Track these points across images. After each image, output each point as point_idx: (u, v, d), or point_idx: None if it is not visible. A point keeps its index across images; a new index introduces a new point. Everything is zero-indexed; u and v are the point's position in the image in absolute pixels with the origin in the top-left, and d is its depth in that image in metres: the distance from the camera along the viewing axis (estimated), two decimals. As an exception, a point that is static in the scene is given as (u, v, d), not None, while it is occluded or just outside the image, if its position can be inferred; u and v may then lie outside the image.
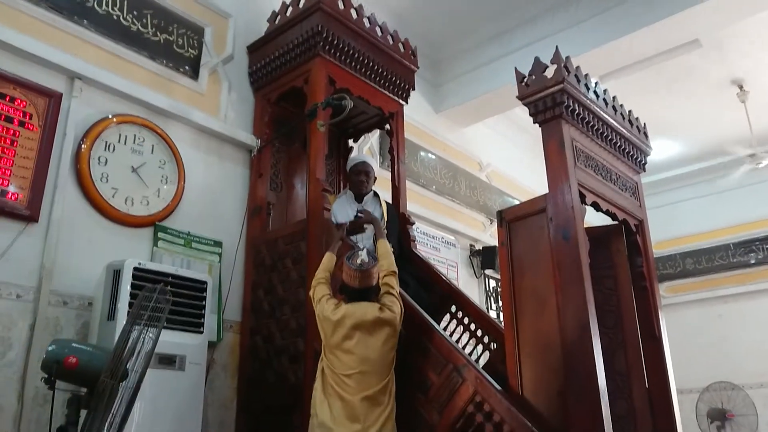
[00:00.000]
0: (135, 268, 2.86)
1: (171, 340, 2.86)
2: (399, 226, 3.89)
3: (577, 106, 2.80)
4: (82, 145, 3.18)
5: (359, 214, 3.48)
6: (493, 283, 6.07)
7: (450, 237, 5.79)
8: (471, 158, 6.34)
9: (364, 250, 2.83)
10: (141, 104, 3.49)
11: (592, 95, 2.92)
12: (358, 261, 2.73)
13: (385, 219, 3.78)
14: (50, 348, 2.17)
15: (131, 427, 2.63)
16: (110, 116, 3.33)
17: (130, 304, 2.68)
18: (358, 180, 3.82)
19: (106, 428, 2.12)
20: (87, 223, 3.16)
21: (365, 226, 3.46)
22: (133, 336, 2.16)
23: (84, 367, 2.13)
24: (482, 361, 3.45)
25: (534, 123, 2.86)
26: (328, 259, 2.96)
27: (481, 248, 6.02)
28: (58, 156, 3.09)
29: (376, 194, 3.91)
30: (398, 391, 2.68)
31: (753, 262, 7.64)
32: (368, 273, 2.74)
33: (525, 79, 2.87)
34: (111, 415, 2.12)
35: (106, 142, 3.29)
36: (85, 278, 3.02)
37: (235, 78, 4.07)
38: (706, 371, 6.74)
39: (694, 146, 7.59)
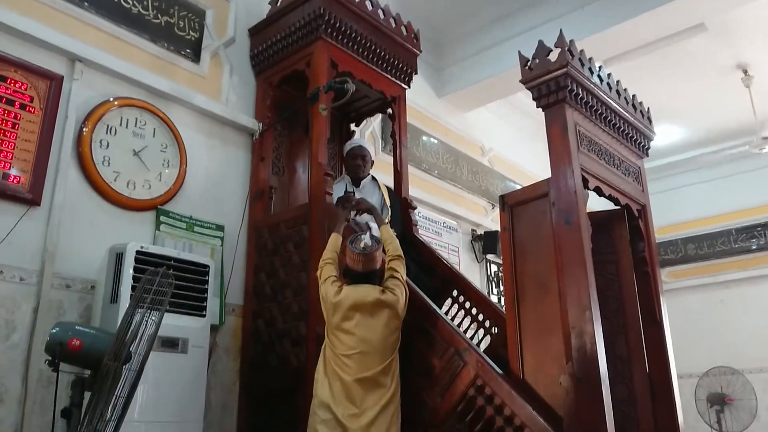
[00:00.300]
0: (137, 252, 2.87)
1: (174, 324, 2.88)
2: (401, 210, 3.89)
3: (580, 90, 2.78)
4: (84, 129, 3.17)
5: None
6: (494, 268, 6.08)
7: (452, 222, 5.78)
8: (473, 143, 6.32)
9: (368, 233, 2.83)
10: (142, 87, 3.48)
11: (595, 79, 2.90)
12: (361, 245, 2.74)
13: (388, 203, 3.78)
14: (54, 331, 2.18)
15: (135, 409, 2.66)
16: (111, 99, 3.31)
17: (133, 288, 2.70)
18: (355, 164, 3.82)
19: (110, 410, 2.14)
20: (89, 206, 3.16)
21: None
22: (136, 319, 2.17)
23: (87, 350, 2.14)
24: (483, 345, 3.46)
25: (537, 107, 2.85)
26: (335, 240, 2.96)
27: (482, 233, 6.02)
28: (60, 139, 3.08)
29: (373, 178, 3.91)
30: (400, 374, 2.69)
31: (755, 247, 7.64)
32: (371, 256, 2.74)
33: (528, 63, 2.85)
34: (115, 397, 2.13)
35: (108, 126, 3.29)
36: (88, 262, 3.03)
37: (237, 61, 4.05)
38: (706, 356, 6.76)
39: (697, 131, 7.55)
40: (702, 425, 6.37)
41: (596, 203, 3.26)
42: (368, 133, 5.01)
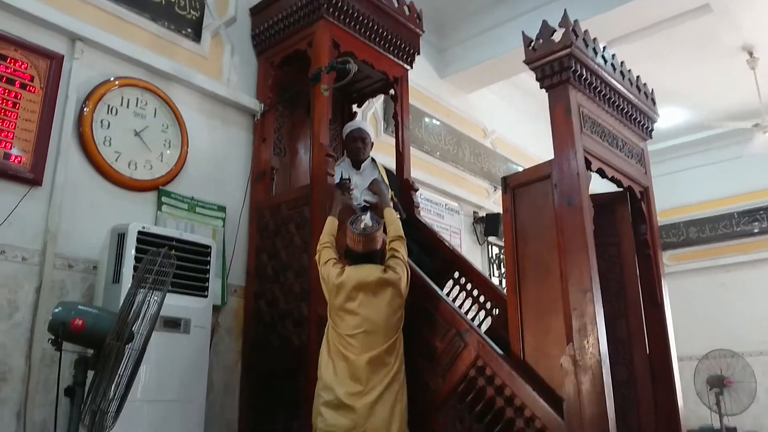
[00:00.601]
0: (139, 232, 2.87)
1: (176, 304, 2.88)
2: (401, 191, 3.88)
3: (584, 71, 2.76)
4: (85, 108, 3.15)
5: (365, 202, 3.48)
6: (496, 250, 6.08)
7: (453, 204, 5.78)
8: (475, 124, 6.29)
9: (368, 214, 2.83)
10: (143, 67, 3.46)
11: (600, 60, 2.88)
12: (362, 225, 2.74)
13: (386, 184, 3.76)
14: (56, 310, 2.18)
15: (138, 389, 2.67)
16: (112, 79, 3.29)
17: (135, 268, 2.70)
18: (355, 147, 3.80)
19: (113, 389, 2.15)
20: (91, 186, 3.16)
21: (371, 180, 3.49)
22: (138, 299, 2.18)
23: (90, 329, 2.14)
24: (484, 327, 3.47)
25: (540, 88, 2.83)
26: (331, 223, 2.97)
27: (484, 215, 6.02)
28: (61, 119, 3.07)
29: (373, 160, 3.90)
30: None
31: (756, 231, 7.62)
32: (371, 237, 2.74)
33: (532, 43, 2.82)
34: (117, 376, 2.15)
35: (109, 105, 3.27)
36: (90, 242, 3.04)
37: (238, 41, 4.01)
38: (706, 339, 6.78)
39: (701, 114, 7.50)
40: (701, 407, 6.41)
41: (598, 185, 3.25)
42: (370, 114, 4.98)
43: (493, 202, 6.08)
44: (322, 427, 2.57)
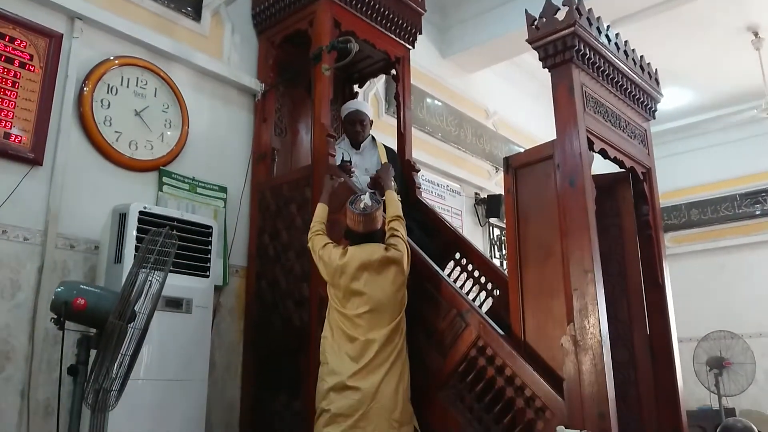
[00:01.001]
0: (140, 212, 2.87)
1: (178, 284, 2.89)
2: (402, 172, 3.86)
3: (588, 50, 2.73)
4: (85, 88, 3.13)
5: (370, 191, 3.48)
6: (497, 232, 6.08)
7: (455, 185, 5.76)
8: (477, 105, 6.25)
9: (367, 194, 2.82)
10: (143, 46, 3.43)
11: (603, 39, 2.84)
12: (361, 205, 2.73)
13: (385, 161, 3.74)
14: (58, 290, 2.19)
15: (140, 368, 2.70)
16: (112, 58, 3.27)
17: (137, 248, 2.70)
18: (354, 130, 3.79)
19: (116, 368, 2.17)
20: (91, 166, 3.15)
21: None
22: (140, 278, 2.18)
23: (92, 309, 2.15)
24: (485, 308, 3.48)
25: (543, 68, 2.80)
26: (321, 210, 2.97)
27: (486, 197, 6.01)
28: (61, 98, 3.06)
29: (373, 139, 3.87)
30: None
31: (758, 213, 7.61)
32: (372, 217, 2.74)
33: (535, 22, 2.79)
34: (120, 355, 2.16)
35: (109, 85, 3.25)
36: (91, 222, 3.04)
37: (238, 20, 3.98)
38: (706, 320, 6.79)
39: (704, 95, 7.45)
40: (700, 388, 6.45)
41: (599, 167, 3.23)
42: (372, 94, 4.95)
43: (495, 184, 6.07)
44: (329, 410, 2.57)
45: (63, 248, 2.96)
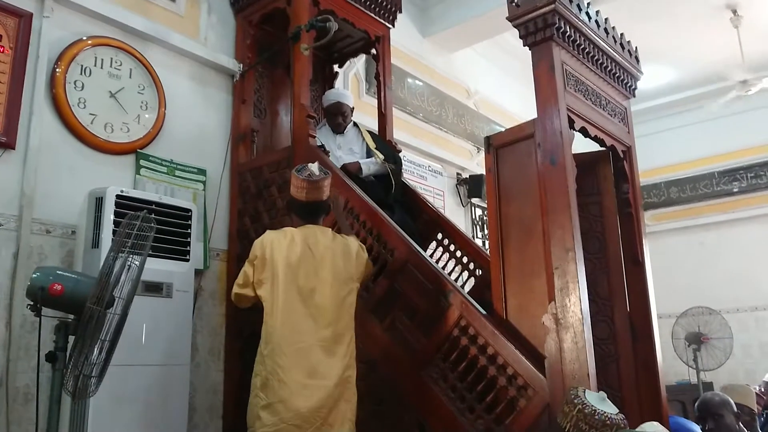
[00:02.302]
0: (117, 196, 2.83)
1: (157, 268, 2.86)
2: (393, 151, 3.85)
3: (568, 28, 2.72)
4: (57, 69, 3.06)
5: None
6: (479, 212, 6.09)
7: (437, 165, 5.75)
8: (459, 85, 6.23)
9: (316, 163, 2.69)
10: (116, 26, 3.35)
11: (584, 17, 2.83)
12: (307, 172, 2.61)
13: (373, 147, 3.73)
14: (34, 275, 2.15)
15: (122, 353, 2.65)
16: (84, 38, 3.19)
17: (114, 232, 2.66)
18: (335, 122, 3.78)
19: (95, 353, 2.14)
20: (66, 150, 3.08)
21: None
22: (119, 263, 2.15)
23: (70, 294, 2.12)
24: (468, 288, 3.49)
25: (524, 46, 2.79)
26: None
27: (467, 177, 6.01)
28: (32, 80, 2.98)
29: (355, 124, 3.85)
30: (385, 315, 2.71)
31: (736, 190, 7.71)
32: (317, 185, 2.61)
33: (516, 0, 2.77)
34: (100, 340, 2.13)
35: (82, 66, 3.18)
36: (68, 206, 2.98)
37: (215, -1, 3.90)
38: (685, 297, 6.89)
39: (683, 74, 7.49)
40: (679, 363, 6.56)
41: (580, 146, 3.23)
42: (352, 74, 4.90)
43: (477, 164, 6.07)
44: None
45: (39, 233, 2.91)
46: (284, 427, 2.32)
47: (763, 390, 4.46)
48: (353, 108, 3.86)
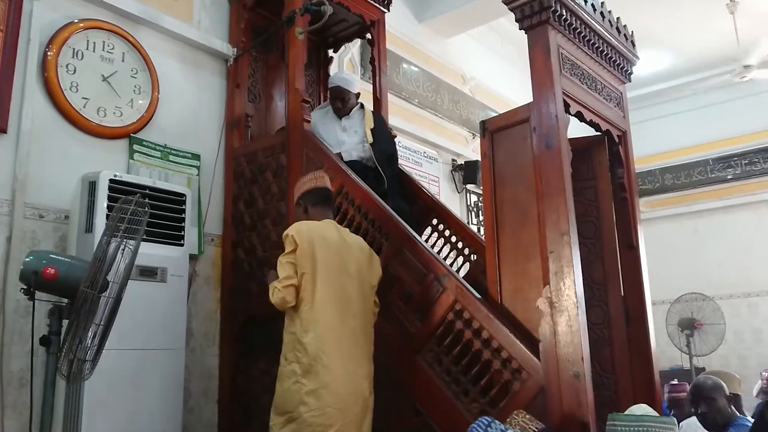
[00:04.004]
0: (111, 180, 2.81)
1: (152, 253, 2.86)
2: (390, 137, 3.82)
3: (564, 11, 2.70)
4: (48, 52, 3.03)
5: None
6: (474, 198, 6.09)
7: (432, 151, 5.74)
8: (454, 71, 6.20)
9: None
10: (108, 9, 3.32)
11: (580, 0, 2.81)
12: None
13: (369, 139, 3.69)
14: (28, 259, 2.14)
15: (117, 338, 2.65)
16: (76, 21, 3.16)
17: (108, 217, 2.64)
18: (335, 105, 3.73)
19: (89, 337, 2.14)
20: (58, 134, 3.06)
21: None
22: (112, 247, 2.14)
23: (63, 278, 2.11)
24: (462, 273, 3.49)
25: (520, 29, 2.76)
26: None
27: (463, 163, 6.00)
28: (24, 63, 2.95)
29: (362, 106, 3.80)
30: (380, 299, 2.72)
31: (730, 177, 7.74)
32: (324, 174, 2.81)
33: (512, -17, 2.74)
34: (94, 324, 2.13)
35: (74, 49, 3.14)
36: (61, 191, 2.97)
37: (208, -18, 3.86)
38: (679, 283, 6.94)
39: (678, 60, 7.48)
40: (672, 349, 6.61)
41: (575, 131, 3.22)
42: (347, 59, 4.88)
43: (472, 150, 6.05)
44: None
45: (32, 218, 2.89)
46: (329, 410, 2.37)
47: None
48: (358, 93, 3.80)
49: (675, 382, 4.19)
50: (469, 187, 6.05)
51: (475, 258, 3.50)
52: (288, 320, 2.53)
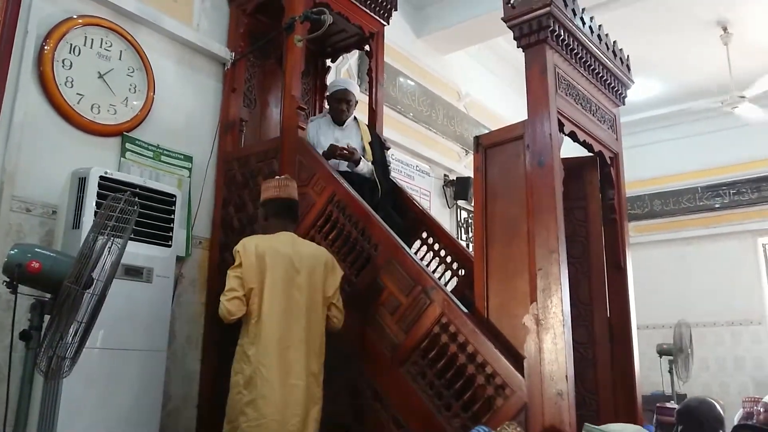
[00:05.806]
0: (101, 177, 2.80)
1: (139, 252, 2.85)
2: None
3: (562, 31, 2.73)
4: (45, 46, 3.02)
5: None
6: (464, 214, 6.10)
7: (425, 166, 5.76)
8: (450, 87, 6.23)
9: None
10: (108, 6, 3.32)
11: (578, 22, 2.84)
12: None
13: (368, 150, 3.70)
14: (12, 252, 2.12)
15: (98, 336, 2.64)
16: (75, 17, 3.15)
17: (96, 214, 2.62)
18: (339, 108, 3.73)
19: (71, 334, 2.11)
20: (51, 128, 3.04)
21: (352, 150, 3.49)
22: (99, 244, 2.12)
23: (47, 272, 2.09)
24: (450, 287, 3.49)
25: (517, 47, 2.79)
26: None
27: (455, 179, 6.02)
28: (20, 56, 2.93)
29: (355, 119, 3.83)
30: (366, 309, 2.71)
31: (718, 206, 7.81)
32: (289, 183, 2.79)
33: (511, 1, 2.77)
34: (76, 321, 2.10)
35: (71, 45, 3.13)
36: (50, 185, 2.94)
37: (209, -15, 3.87)
38: (664, 309, 6.95)
39: (671, 87, 7.56)
40: (654, 373, 6.60)
41: (567, 151, 3.24)
42: (344, 70, 4.90)
43: (464, 166, 6.08)
44: None
45: (18, 211, 2.86)
46: (265, 422, 2.42)
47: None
48: (357, 101, 3.83)
49: (669, 405, 4.16)
50: (460, 203, 6.06)
51: (463, 273, 3.50)
52: (240, 333, 2.60)
